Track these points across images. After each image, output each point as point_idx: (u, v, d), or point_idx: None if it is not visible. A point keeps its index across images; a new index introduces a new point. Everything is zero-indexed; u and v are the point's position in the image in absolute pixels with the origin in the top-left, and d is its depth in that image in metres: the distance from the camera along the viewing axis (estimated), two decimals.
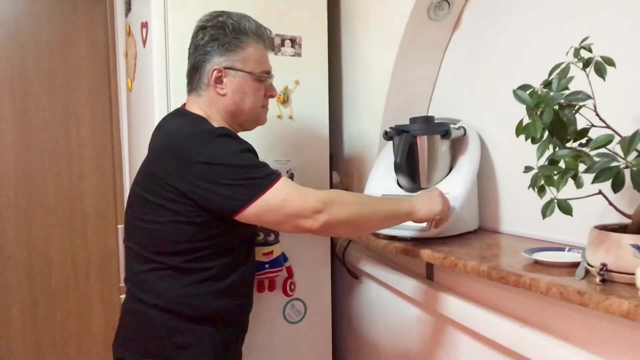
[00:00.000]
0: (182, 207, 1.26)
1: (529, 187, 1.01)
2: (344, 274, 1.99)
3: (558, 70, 1.01)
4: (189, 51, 1.40)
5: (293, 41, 1.82)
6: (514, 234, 1.51)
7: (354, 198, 1.32)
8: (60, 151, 2.53)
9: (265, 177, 1.24)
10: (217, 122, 1.35)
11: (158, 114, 1.62)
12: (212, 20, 1.36)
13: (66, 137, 2.54)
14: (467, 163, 1.50)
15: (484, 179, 1.57)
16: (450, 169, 1.54)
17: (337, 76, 2.00)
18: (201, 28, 1.37)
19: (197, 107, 1.37)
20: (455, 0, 1.61)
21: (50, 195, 2.52)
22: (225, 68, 1.35)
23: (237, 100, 1.37)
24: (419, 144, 1.51)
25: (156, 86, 1.64)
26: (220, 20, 1.36)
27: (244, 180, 1.22)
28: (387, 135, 1.57)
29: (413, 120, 1.56)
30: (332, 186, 1.94)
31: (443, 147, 1.52)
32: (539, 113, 0.96)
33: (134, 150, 2.09)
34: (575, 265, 1.08)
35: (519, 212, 1.49)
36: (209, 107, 1.37)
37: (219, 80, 1.36)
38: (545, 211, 0.97)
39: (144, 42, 1.74)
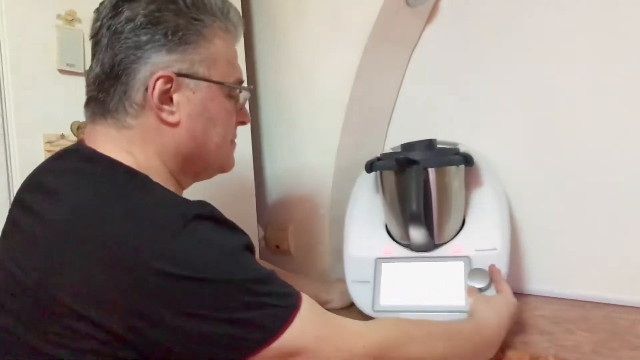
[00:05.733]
0: None
1: None
2: None
3: None
4: (94, 37, 0.72)
5: None
6: (545, 294, 1.13)
7: (422, 338, 0.73)
8: None
9: (284, 299, 0.64)
10: (157, 176, 0.70)
11: None
12: None
13: None
14: (495, 203, 1.05)
15: None
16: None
17: (250, 84, 1.41)
18: None
19: (118, 148, 0.70)
20: None
21: None
22: (179, 75, 0.71)
23: (197, 132, 0.74)
24: (430, 180, 1.03)
25: None
26: None
27: (249, 310, 0.61)
28: (372, 168, 1.06)
29: (409, 146, 1.06)
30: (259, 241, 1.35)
31: (456, 182, 1.06)
32: None
33: None
34: None
35: (549, 266, 1.12)
36: (142, 150, 0.71)
37: (164, 98, 0.71)
38: None
39: None
